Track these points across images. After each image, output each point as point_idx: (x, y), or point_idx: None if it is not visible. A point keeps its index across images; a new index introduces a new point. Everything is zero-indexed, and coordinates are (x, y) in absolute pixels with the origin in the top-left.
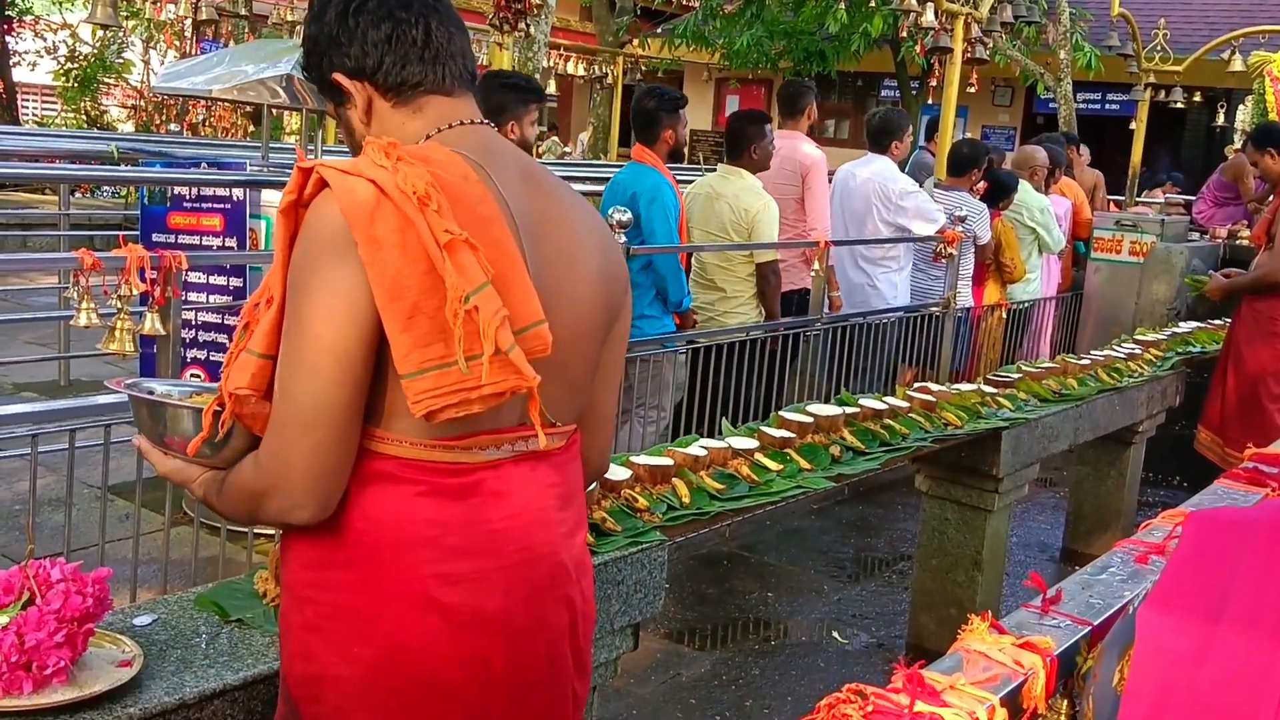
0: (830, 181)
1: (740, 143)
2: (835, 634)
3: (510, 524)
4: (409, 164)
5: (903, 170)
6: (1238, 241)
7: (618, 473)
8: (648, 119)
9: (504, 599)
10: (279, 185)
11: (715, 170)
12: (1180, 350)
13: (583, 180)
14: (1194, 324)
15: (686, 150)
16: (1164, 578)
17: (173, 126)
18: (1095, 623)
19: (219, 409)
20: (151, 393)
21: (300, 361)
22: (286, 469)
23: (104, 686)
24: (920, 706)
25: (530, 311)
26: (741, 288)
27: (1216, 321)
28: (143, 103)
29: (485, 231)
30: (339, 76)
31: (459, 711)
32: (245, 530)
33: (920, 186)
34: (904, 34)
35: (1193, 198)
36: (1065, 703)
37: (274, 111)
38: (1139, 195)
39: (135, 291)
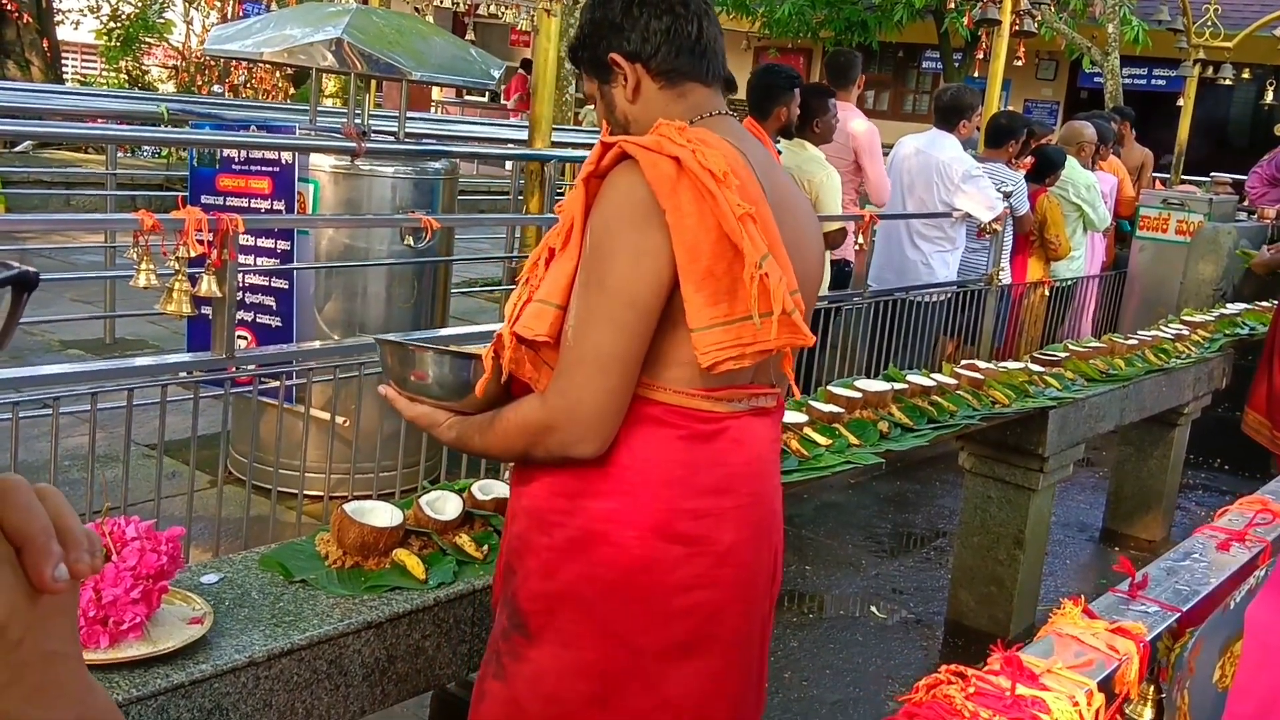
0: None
1: (805, 116)
2: (874, 609)
3: (745, 470)
4: (707, 145)
5: None
6: None
7: None
8: (764, 95)
9: (735, 535)
10: (328, 150)
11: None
12: (1228, 332)
13: None
14: (1241, 305)
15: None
16: (1277, 576)
17: (215, 88)
18: (1184, 609)
19: (496, 353)
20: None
21: (602, 313)
22: (576, 408)
23: (176, 643)
24: (1021, 689)
25: (792, 280)
26: None
27: (1265, 304)
28: (183, 63)
29: (758, 209)
30: (617, 56)
31: (686, 633)
32: (294, 491)
33: None
34: (951, 5)
35: (1242, 177)
36: (1152, 688)
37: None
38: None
39: (192, 253)
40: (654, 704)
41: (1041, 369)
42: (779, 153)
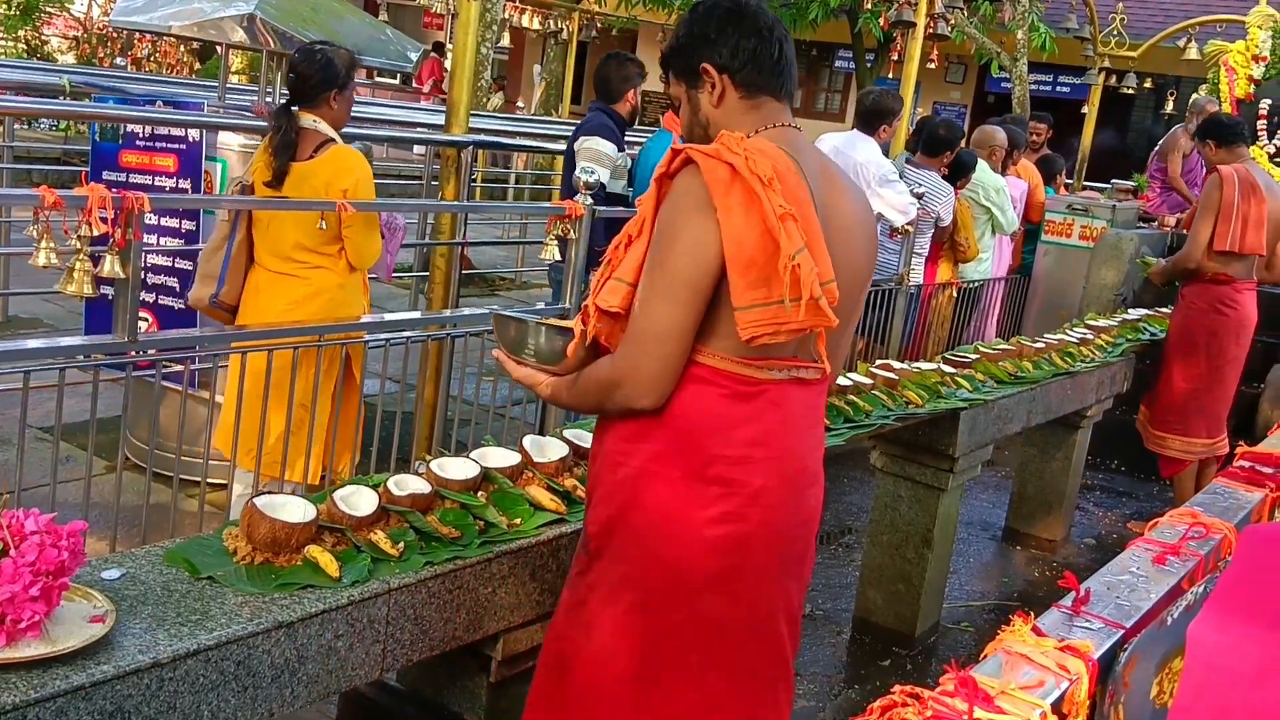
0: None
1: None
2: None
3: (780, 428)
4: (760, 154)
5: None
6: (1185, 230)
7: (586, 440)
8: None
9: (765, 480)
10: (238, 128)
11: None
12: (1130, 336)
13: (531, 137)
14: (1142, 311)
15: (638, 110)
16: (1217, 594)
17: (118, 61)
18: (1128, 625)
19: (584, 323)
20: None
21: (662, 290)
22: (638, 369)
23: (77, 643)
24: (979, 713)
25: (826, 272)
26: None
27: (1164, 310)
28: (85, 35)
29: (801, 209)
30: (709, 66)
31: (717, 559)
32: (197, 479)
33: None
34: (868, 6)
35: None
36: (1088, 703)
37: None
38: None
39: (95, 232)
40: (686, 618)
41: (953, 370)
42: None
